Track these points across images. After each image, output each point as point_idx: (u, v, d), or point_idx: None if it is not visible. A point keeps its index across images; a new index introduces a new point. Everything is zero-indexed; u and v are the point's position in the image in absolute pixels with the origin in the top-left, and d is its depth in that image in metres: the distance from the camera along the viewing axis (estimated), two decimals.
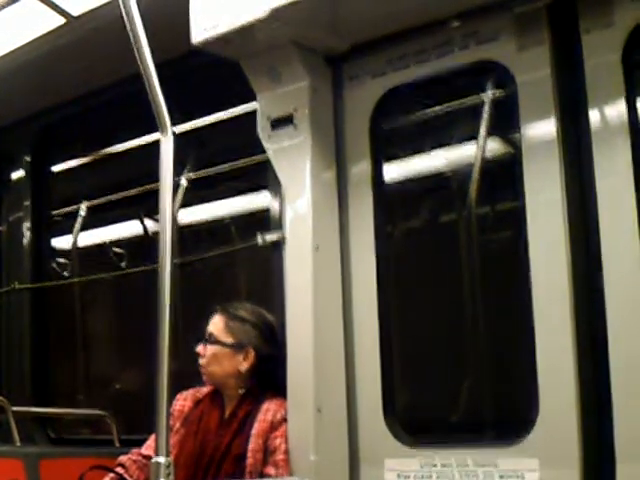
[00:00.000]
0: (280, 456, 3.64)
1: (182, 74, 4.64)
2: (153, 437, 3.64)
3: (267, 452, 3.68)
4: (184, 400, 4.01)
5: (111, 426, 4.84)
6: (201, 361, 3.90)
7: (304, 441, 3.64)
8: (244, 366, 3.86)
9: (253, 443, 3.69)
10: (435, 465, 3.49)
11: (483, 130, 3.77)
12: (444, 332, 3.93)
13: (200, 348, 3.91)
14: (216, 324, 3.93)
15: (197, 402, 4.00)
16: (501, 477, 3.33)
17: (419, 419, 3.93)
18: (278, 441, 3.67)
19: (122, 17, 3.24)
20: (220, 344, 3.87)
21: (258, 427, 3.72)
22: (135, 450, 3.96)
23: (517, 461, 3.30)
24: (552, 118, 3.37)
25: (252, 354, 3.87)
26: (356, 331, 3.81)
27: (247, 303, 4.04)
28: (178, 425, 3.91)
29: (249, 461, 3.66)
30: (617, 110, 3.26)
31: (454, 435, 3.71)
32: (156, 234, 3.23)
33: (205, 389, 4.03)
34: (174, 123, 3.26)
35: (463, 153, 3.93)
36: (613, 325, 3.15)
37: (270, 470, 3.63)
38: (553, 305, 3.27)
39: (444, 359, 3.89)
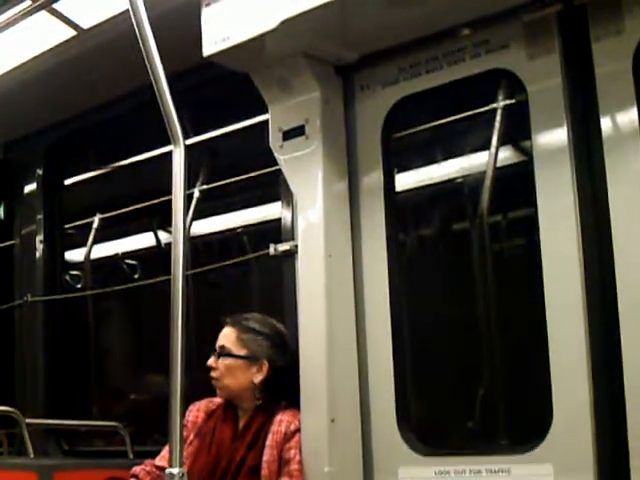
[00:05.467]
0: (294, 466, 3.63)
1: (193, 86, 4.65)
2: (167, 448, 3.65)
3: (282, 463, 3.67)
4: (197, 411, 3.98)
5: (125, 438, 4.84)
6: (214, 374, 3.87)
7: (318, 451, 3.63)
8: (258, 378, 3.84)
9: (267, 454, 3.68)
10: (449, 473, 3.49)
11: (495, 138, 3.77)
12: (457, 340, 3.93)
13: (212, 361, 3.88)
14: (228, 336, 3.90)
15: (210, 413, 3.98)
16: None
17: (433, 428, 3.92)
18: (292, 452, 3.67)
19: (133, 29, 3.26)
20: (233, 357, 3.85)
21: (272, 438, 3.72)
22: (149, 461, 3.94)
23: (531, 467, 3.29)
24: (563, 126, 3.38)
25: (266, 366, 3.84)
26: (369, 340, 3.81)
27: (257, 313, 4.03)
28: (192, 437, 3.88)
29: (264, 472, 3.65)
30: (628, 117, 3.26)
31: (468, 443, 3.71)
32: (169, 245, 3.23)
33: (218, 400, 4.01)
34: (186, 135, 3.27)
35: (475, 161, 3.94)
36: (627, 331, 3.15)
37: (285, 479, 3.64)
38: (566, 312, 3.27)
39: (457, 367, 3.89)
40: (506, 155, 3.87)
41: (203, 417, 3.96)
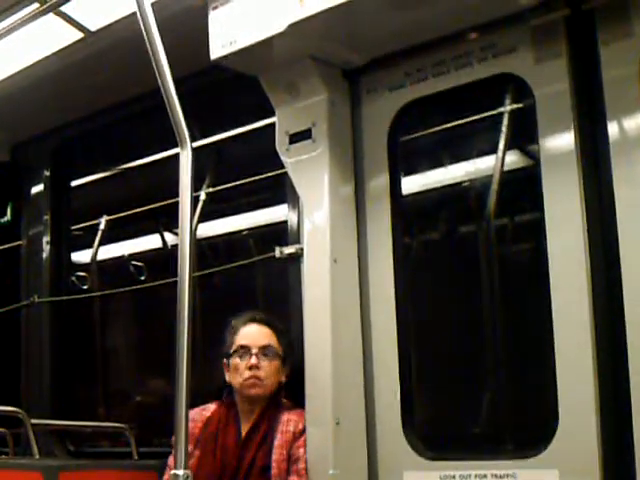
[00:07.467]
0: (302, 465, 3.68)
1: (200, 89, 4.66)
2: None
3: (290, 461, 3.70)
4: (193, 422, 3.86)
5: (130, 439, 4.84)
6: (259, 374, 3.83)
7: (323, 454, 3.64)
8: (283, 378, 3.91)
9: (277, 454, 3.71)
10: (454, 477, 3.49)
11: (501, 142, 3.77)
12: (463, 344, 3.92)
13: (255, 360, 3.84)
14: (270, 336, 3.90)
15: (206, 421, 3.96)
16: None
17: (438, 432, 3.92)
18: (301, 451, 3.70)
19: (140, 32, 3.27)
20: (279, 357, 3.87)
21: (281, 438, 3.74)
22: None
23: (537, 473, 3.29)
24: (570, 130, 3.38)
25: (289, 367, 3.91)
26: (374, 344, 3.82)
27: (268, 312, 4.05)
28: (191, 448, 3.80)
29: (274, 472, 3.68)
30: (635, 121, 3.26)
31: (473, 447, 3.70)
32: (175, 247, 3.23)
33: (212, 406, 4.01)
34: (193, 138, 3.27)
35: (481, 165, 3.93)
36: (633, 335, 3.14)
37: (293, 478, 3.66)
38: (573, 316, 3.27)
39: (463, 371, 3.88)
40: (513, 159, 3.87)
41: (200, 427, 3.93)
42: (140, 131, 5.41)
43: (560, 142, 3.42)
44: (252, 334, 3.91)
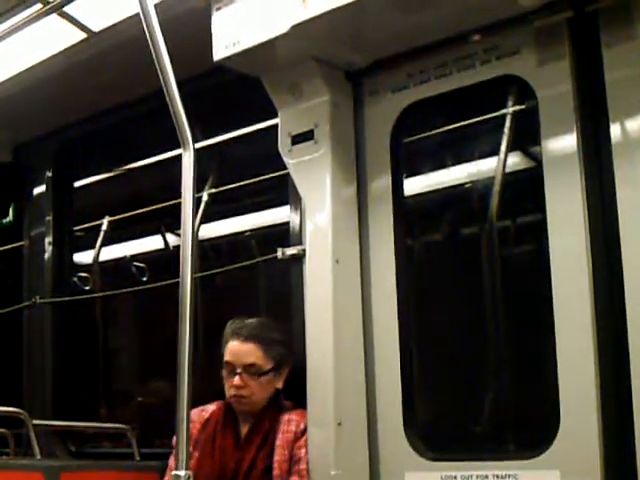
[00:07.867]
0: (303, 465, 3.66)
1: (203, 90, 4.66)
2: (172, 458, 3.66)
3: (292, 462, 3.69)
4: (191, 422, 3.76)
5: (131, 440, 4.84)
6: (243, 392, 3.81)
7: (324, 455, 3.63)
8: (280, 384, 3.89)
9: (279, 454, 3.70)
10: (455, 478, 3.49)
11: (504, 144, 3.77)
12: (464, 345, 3.92)
13: (237, 380, 3.81)
14: (254, 353, 3.83)
15: (204, 422, 3.96)
16: None
17: (439, 432, 3.92)
18: (303, 451, 3.69)
19: (144, 33, 3.27)
20: (266, 373, 3.83)
21: (282, 438, 3.73)
22: None
23: (538, 473, 3.29)
24: (573, 132, 3.38)
25: (287, 371, 3.90)
26: (376, 344, 3.82)
27: (259, 319, 4.01)
28: (190, 449, 3.79)
29: (275, 472, 3.67)
30: (638, 123, 3.26)
31: (475, 448, 3.70)
32: (178, 248, 3.23)
33: (211, 407, 4.01)
34: (195, 139, 3.28)
35: (484, 167, 3.93)
36: (635, 337, 3.14)
37: (295, 479, 3.64)
38: (575, 317, 3.27)
39: (465, 372, 3.88)
40: (515, 161, 3.87)
41: (198, 428, 3.93)
42: (143, 132, 5.42)
43: (563, 144, 3.42)
44: (235, 352, 3.86)
